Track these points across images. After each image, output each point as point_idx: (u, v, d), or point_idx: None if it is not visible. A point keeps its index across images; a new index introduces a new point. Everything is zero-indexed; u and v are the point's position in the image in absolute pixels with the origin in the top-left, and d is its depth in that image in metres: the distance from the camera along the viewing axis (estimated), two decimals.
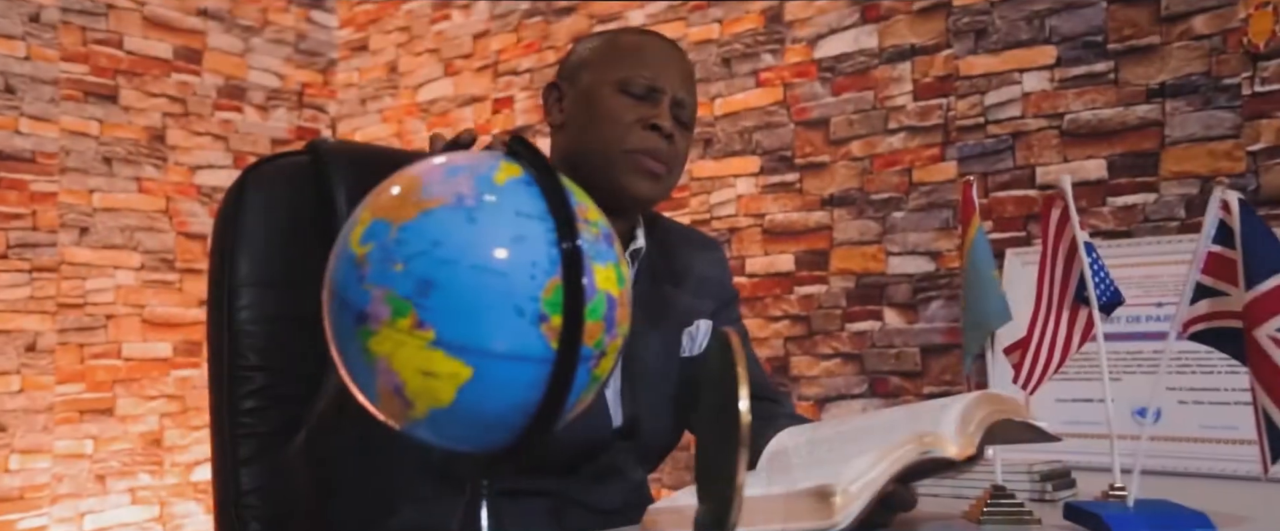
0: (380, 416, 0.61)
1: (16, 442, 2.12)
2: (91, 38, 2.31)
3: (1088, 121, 1.62)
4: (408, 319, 0.56)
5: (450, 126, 2.57)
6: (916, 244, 1.80)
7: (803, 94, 1.95)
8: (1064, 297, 0.97)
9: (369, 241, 0.59)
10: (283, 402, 1.24)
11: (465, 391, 0.57)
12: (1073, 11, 1.63)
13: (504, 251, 0.57)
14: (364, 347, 0.58)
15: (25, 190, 2.17)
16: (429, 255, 0.57)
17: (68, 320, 2.22)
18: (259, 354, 1.25)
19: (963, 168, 1.74)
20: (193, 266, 2.46)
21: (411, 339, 0.57)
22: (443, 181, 0.60)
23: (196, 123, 2.49)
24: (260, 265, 1.27)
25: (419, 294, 0.56)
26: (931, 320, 1.77)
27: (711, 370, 0.70)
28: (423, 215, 0.58)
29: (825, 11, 1.93)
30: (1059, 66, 1.64)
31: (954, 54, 1.76)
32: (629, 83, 1.02)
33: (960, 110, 1.75)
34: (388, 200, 0.60)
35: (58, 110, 2.24)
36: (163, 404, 2.38)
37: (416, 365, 0.57)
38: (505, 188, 0.60)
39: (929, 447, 0.71)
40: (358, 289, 0.58)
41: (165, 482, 2.36)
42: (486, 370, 0.57)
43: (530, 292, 0.57)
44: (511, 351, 0.57)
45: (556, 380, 0.58)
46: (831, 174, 1.91)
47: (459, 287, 0.56)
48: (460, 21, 2.56)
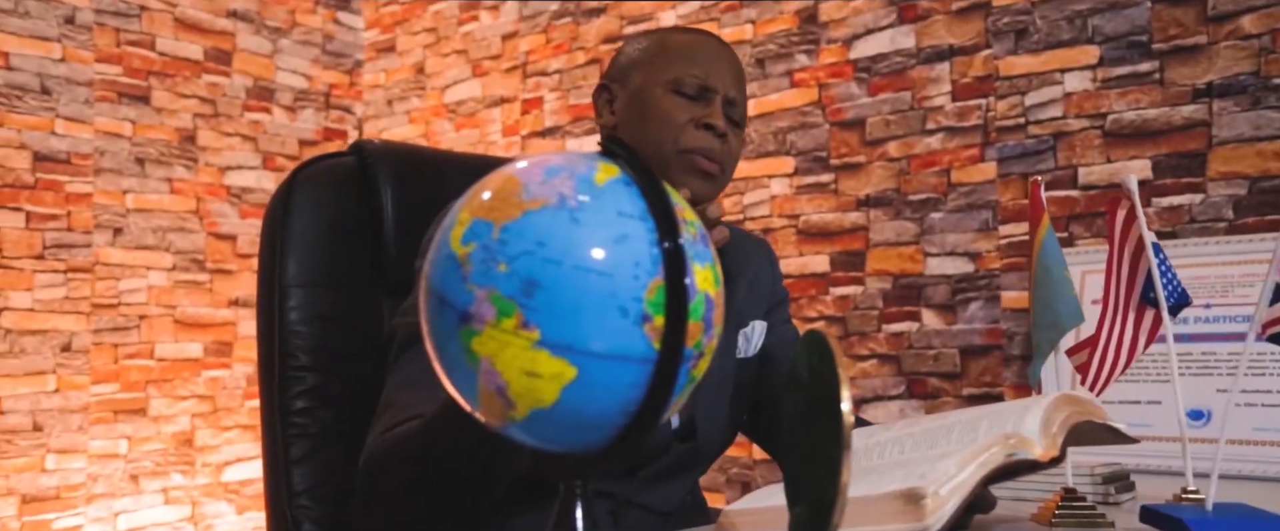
0: (478, 416, 0.61)
1: (53, 442, 2.13)
2: (125, 39, 2.32)
3: (1132, 122, 1.61)
4: (513, 319, 0.56)
5: (478, 127, 2.58)
6: (955, 245, 1.79)
7: (838, 94, 1.95)
8: (1130, 298, 0.96)
9: (470, 241, 0.59)
10: (333, 403, 1.24)
11: (568, 391, 0.57)
12: (1116, 11, 1.62)
13: (607, 251, 0.57)
14: (466, 348, 0.58)
15: (61, 191, 2.18)
16: (534, 255, 0.57)
17: (102, 320, 2.23)
18: (309, 354, 1.25)
19: (1003, 168, 1.74)
20: (223, 267, 2.46)
21: (516, 339, 0.57)
22: (543, 182, 0.60)
23: (226, 123, 2.50)
24: (308, 266, 1.28)
25: (524, 294, 0.56)
26: (970, 321, 1.76)
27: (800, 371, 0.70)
28: (526, 215, 0.58)
29: (861, 12, 1.92)
30: (1102, 66, 1.63)
31: (993, 54, 1.76)
32: (681, 82, 1.02)
33: (1000, 111, 1.75)
34: (488, 200, 0.60)
35: (92, 111, 2.25)
36: (194, 404, 2.38)
37: (520, 365, 0.57)
38: (605, 188, 0.60)
39: (1015, 449, 0.71)
40: (460, 289, 0.58)
41: (197, 483, 2.37)
42: (590, 370, 0.57)
43: (634, 293, 0.57)
44: (615, 351, 0.57)
45: (659, 380, 0.58)
46: (867, 174, 1.90)
47: (564, 288, 0.56)
48: (488, 22, 2.56)
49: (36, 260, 2.13)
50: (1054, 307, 0.86)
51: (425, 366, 0.90)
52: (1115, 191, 1.61)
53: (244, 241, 2.51)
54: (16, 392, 2.09)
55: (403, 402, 0.88)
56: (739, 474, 2.03)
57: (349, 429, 1.25)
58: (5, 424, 2.07)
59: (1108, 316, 0.96)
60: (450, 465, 0.79)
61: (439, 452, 0.80)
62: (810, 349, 0.67)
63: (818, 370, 0.65)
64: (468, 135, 2.60)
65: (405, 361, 0.92)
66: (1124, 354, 0.96)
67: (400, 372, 0.91)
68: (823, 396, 0.63)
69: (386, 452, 0.83)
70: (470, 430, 0.80)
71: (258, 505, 2.49)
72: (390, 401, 0.89)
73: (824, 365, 0.64)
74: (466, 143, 2.60)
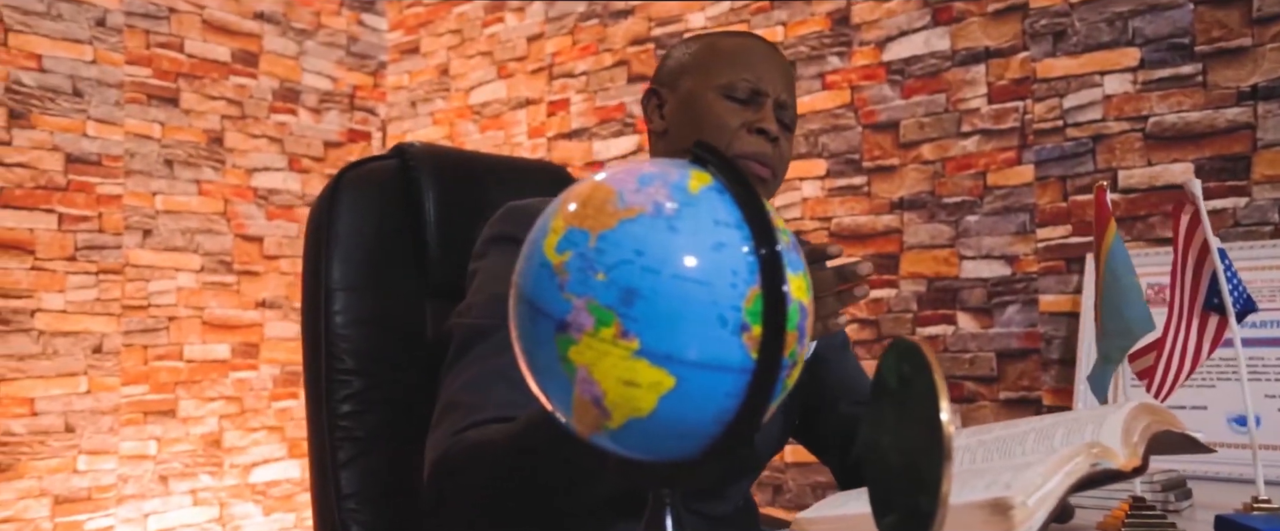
0: (572, 426, 0.61)
1: (84, 444, 2.14)
2: (154, 41, 2.32)
3: (1173, 124, 1.60)
4: (612, 328, 0.56)
5: (503, 129, 2.57)
6: (991, 248, 1.78)
7: (871, 97, 1.94)
8: (1194, 304, 0.96)
9: (566, 250, 0.58)
10: (379, 406, 1.24)
11: (666, 401, 0.57)
12: (1157, 13, 1.61)
13: (705, 260, 0.57)
14: (562, 356, 0.58)
15: (92, 193, 2.19)
16: (632, 264, 0.57)
17: (132, 322, 2.24)
18: (354, 357, 1.25)
19: (1041, 171, 1.73)
20: (250, 269, 2.47)
21: (615, 348, 0.56)
22: (637, 190, 0.59)
23: (253, 125, 2.50)
24: (353, 269, 1.28)
25: (623, 303, 0.56)
26: (1007, 325, 1.76)
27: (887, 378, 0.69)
28: (623, 224, 0.58)
29: (894, 14, 1.92)
30: (1143, 69, 1.63)
31: (1031, 56, 1.75)
32: (732, 87, 1.02)
33: (1038, 113, 1.74)
34: (582, 209, 0.60)
35: (122, 113, 2.25)
36: (222, 405, 2.39)
37: (618, 374, 0.57)
38: (700, 196, 0.59)
39: (1099, 459, 0.71)
40: (557, 297, 0.58)
41: (225, 484, 2.37)
42: (688, 379, 0.57)
43: (732, 302, 0.57)
44: (713, 361, 0.57)
45: (756, 390, 0.58)
46: (901, 177, 1.89)
47: (663, 297, 0.56)
48: (514, 24, 2.56)
49: (69, 261, 2.14)
50: (1124, 315, 0.85)
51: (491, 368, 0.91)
52: (1155, 194, 1.61)
53: (271, 243, 2.51)
54: (50, 393, 2.09)
55: (470, 404, 0.87)
56: (770, 477, 2.03)
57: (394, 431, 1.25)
58: (38, 425, 2.08)
59: (1172, 322, 0.95)
60: (536, 472, 0.78)
61: (526, 459, 0.78)
62: (901, 356, 0.66)
63: (909, 378, 0.65)
64: (493, 137, 2.59)
65: (467, 362, 0.92)
66: (1188, 360, 0.96)
67: (463, 373, 0.91)
68: (918, 406, 0.63)
69: (466, 455, 0.82)
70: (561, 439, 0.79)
71: (285, 506, 2.49)
72: (455, 402, 0.89)
73: (917, 374, 0.63)
74: (491, 144, 2.60)
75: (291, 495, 2.51)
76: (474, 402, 0.86)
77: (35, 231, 2.10)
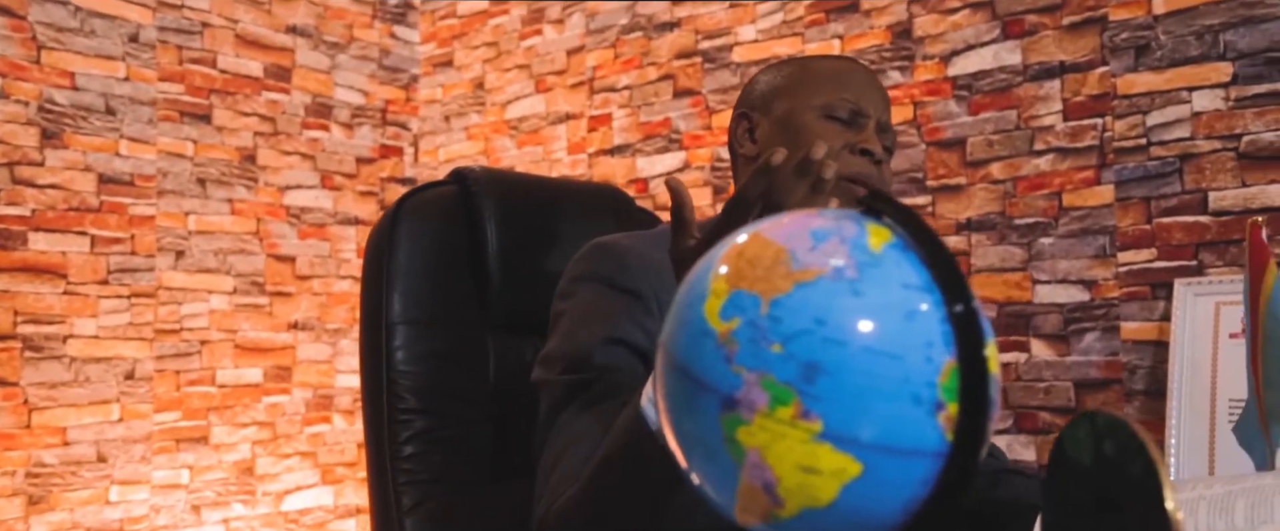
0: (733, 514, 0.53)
1: (117, 474, 2.07)
2: (187, 57, 2.26)
3: (1270, 143, 1.52)
4: (790, 408, 0.49)
5: (542, 145, 2.51)
6: (1068, 272, 1.70)
7: (935, 113, 1.86)
8: None
9: (733, 316, 0.51)
10: (444, 446, 1.18)
11: (850, 490, 0.50)
12: (1252, 26, 1.53)
13: (896, 330, 0.50)
14: (729, 438, 0.50)
15: (124, 214, 2.12)
16: (813, 335, 0.49)
17: (165, 347, 2.17)
18: (417, 395, 1.19)
19: (1121, 191, 1.65)
20: (282, 290, 2.40)
21: (794, 430, 0.49)
22: (812, 249, 0.52)
23: (285, 142, 2.44)
24: (413, 302, 1.21)
25: (804, 380, 0.49)
26: (1086, 353, 1.67)
27: (1077, 455, 0.61)
28: (800, 288, 0.50)
29: (960, 27, 1.84)
30: (1235, 85, 1.54)
31: (1110, 71, 1.67)
32: (833, 107, 0.97)
33: (1118, 131, 1.66)
34: (748, 269, 0.52)
35: (155, 131, 2.19)
36: (254, 431, 2.32)
37: (796, 460, 0.49)
38: (883, 255, 0.52)
39: None
40: (723, 370, 0.50)
41: (257, 512, 2.30)
42: (877, 467, 0.49)
43: (927, 377, 0.50)
44: (906, 445, 0.50)
45: (952, 476, 0.50)
46: (969, 197, 1.81)
47: (850, 373, 0.49)
48: (553, 37, 2.49)
49: (101, 285, 2.08)
50: None
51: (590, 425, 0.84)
52: (1250, 216, 1.52)
53: (303, 263, 2.45)
54: (82, 423, 2.03)
55: (564, 471, 0.82)
56: None
57: (460, 474, 1.18)
58: (70, 455, 2.01)
59: None
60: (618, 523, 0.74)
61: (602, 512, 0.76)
62: (1096, 433, 0.58)
63: (1112, 459, 0.57)
64: (530, 152, 2.53)
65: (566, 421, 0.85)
66: None
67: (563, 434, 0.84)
68: (1128, 492, 0.55)
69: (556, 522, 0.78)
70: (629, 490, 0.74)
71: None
72: (553, 466, 0.83)
73: (1126, 455, 0.55)
74: (530, 160, 2.53)
75: (324, 523, 2.43)
76: (576, 467, 0.81)
77: (67, 255, 2.03)
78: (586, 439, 0.84)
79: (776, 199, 0.78)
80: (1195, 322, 1.49)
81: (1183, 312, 1.52)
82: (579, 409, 0.88)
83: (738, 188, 0.81)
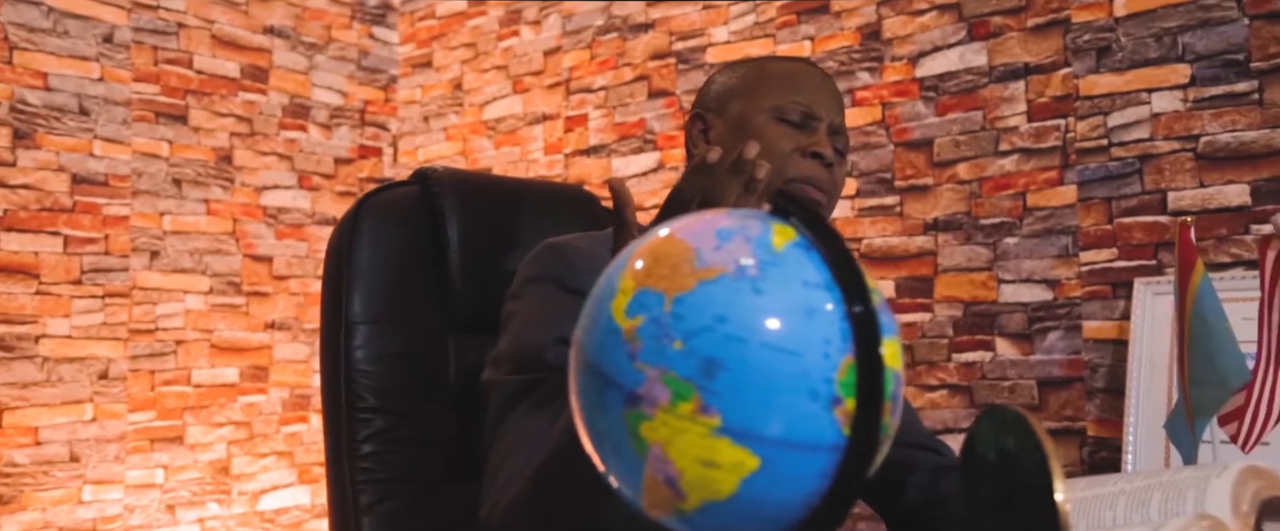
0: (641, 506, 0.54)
1: (90, 473, 2.07)
2: (162, 57, 2.27)
3: (1227, 144, 1.53)
4: (691, 403, 0.50)
5: (519, 145, 2.52)
6: (1032, 271, 1.72)
7: (903, 114, 1.88)
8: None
9: (638, 314, 0.52)
10: (402, 446, 1.18)
11: (749, 483, 0.51)
12: (1209, 29, 1.55)
13: (795, 327, 0.51)
14: (633, 433, 0.51)
15: (98, 214, 2.13)
16: (714, 332, 0.50)
17: (139, 346, 2.18)
18: (376, 395, 1.19)
19: (1083, 192, 1.66)
20: (259, 290, 2.41)
21: (693, 425, 0.50)
22: (717, 248, 0.53)
23: (262, 142, 2.44)
24: (374, 301, 1.22)
25: (704, 376, 0.50)
26: (1049, 352, 1.69)
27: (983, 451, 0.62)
28: (702, 286, 0.51)
29: (928, 29, 1.85)
30: (1193, 86, 1.56)
31: (1073, 73, 1.69)
32: (785, 110, 0.98)
33: (1081, 132, 1.67)
34: (654, 268, 0.53)
35: (130, 132, 2.20)
36: (230, 431, 2.32)
37: (696, 454, 0.50)
38: (785, 253, 0.53)
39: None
40: (627, 367, 0.51)
41: (233, 512, 2.30)
42: (775, 460, 0.51)
43: (824, 373, 0.51)
44: (803, 439, 0.51)
45: (848, 470, 0.52)
46: (936, 197, 1.83)
47: (749, 369, 0.50)
48: (530, 38, 2.50)
49: (74, 285, 2.08)
50: (1217, 364, 0.79)
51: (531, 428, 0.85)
52: (1207, 217, 1.54)
53: (280, 263, 2.45)
54: (54, 422, 2.03)
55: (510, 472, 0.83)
56: None
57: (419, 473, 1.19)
58: (42, 455, 2.01)
59: (1261, 367, 0.88)
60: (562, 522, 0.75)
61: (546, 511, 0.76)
62: (1000, 428, 0.60)
63: (1012, 453, 0.58)
64: (508, 153, 2.54)
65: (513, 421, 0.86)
66: (1277, 407, 0.89)
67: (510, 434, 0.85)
68: (1024, 485, 0.56)
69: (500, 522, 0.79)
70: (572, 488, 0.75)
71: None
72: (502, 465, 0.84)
73: (1023, 449, 0.57)
74: (507, 161, 2.54)
75: (301, 522, 2.44)
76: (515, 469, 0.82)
77: (40, 255, 2.04)
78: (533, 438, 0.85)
79: (712, 198, 0.79)
80: (1154, 321, 1.51)
81: (1142, 311, 1.53)
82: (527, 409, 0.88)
83: (675, 187, 0.82)
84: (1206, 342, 0.80)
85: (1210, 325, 0.80)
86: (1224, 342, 0.79)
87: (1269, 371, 0.88)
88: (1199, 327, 0.80)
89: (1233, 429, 0.88)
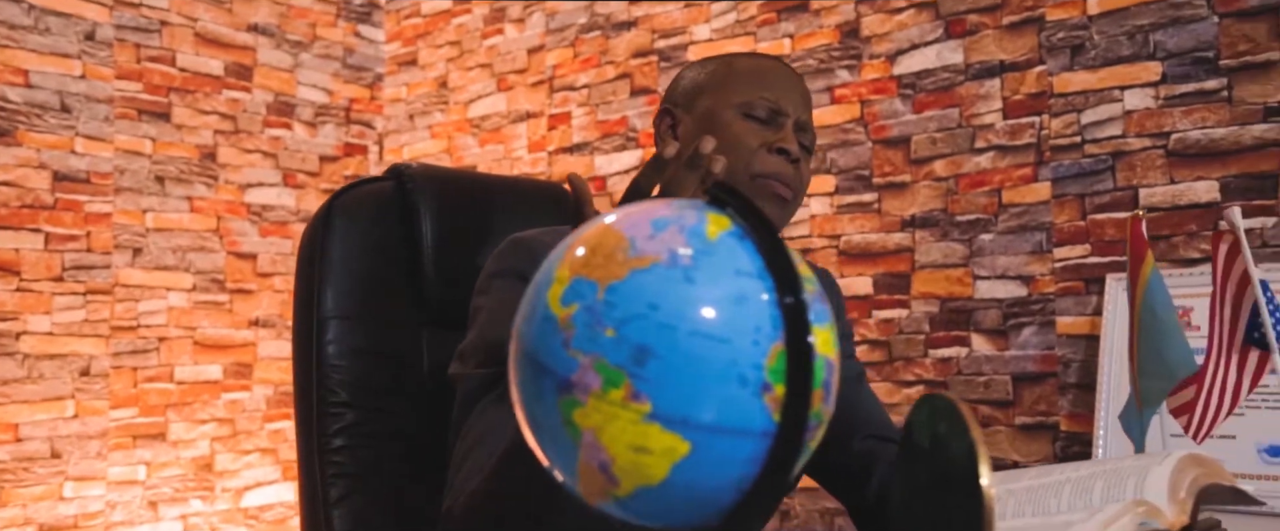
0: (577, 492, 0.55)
1: (71, 470, 2.08)
2: (145, 55, 2.27)
3: (1197, 141, 1.55)
4: (621, 390, 0.51)
5: (503, 143, 2.52)
6: (1006, 268, 1.73)
7: (881, 111, 1.89)
8: (1234, 339, 0.90)
9: (572, 302, 0.53)
10: (373, 440, 1.19)
11: (680, 469, 0.52)
12: (1180, 27, 1.56)
13: (725, 314, 0.52)
14: (567, 419, 0.52)
15: (80, 211, 2.13)
16: (645, 319, 0.51)
17: (121, 343, 2.18)
18: (347, 389, 1.20)
19: (1058, 188, 1.68)
20: (243, 287, 2.41)
21: (624, 412, 0.51)
22: (651, 237, 0.54)
23: (246, 140, 2.45)
24: (347, 297, 1.22)
25: (635, 362, 0.51)
26: (1024, 347, 1.70)
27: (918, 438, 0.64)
28: (634, 275, 0.52)
29: (905, 27, 1.86)
30: (1165, 83, 1.57)
31: (1047, 70, 1.70)
32: (752, 106, 0.98)
33: (1055, 129, 1.68)
34: (590, 257, 0.54)
35: (112, 129, 2.20)
36: (213, 428, 2.33)
37: (628, 440, 0.51)
38: (719, 243, 0.54)
39: (1146, 518, 0.65)
40: (561, 354, 0.52)
41: (216, 508, 2.31)
42: (704, 445, 0.51)
43: (753, 360, 0.52)
44: (732, 425, 0.52)
45: (778, 455, 0.52)
46: (913, 194, 1.84)
47: (679, 356, 0.51)
48: (514, 36, 2.51)
49: (56, 282, 2.08)
50: (1165, 357, 0.80)
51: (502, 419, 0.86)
52: (1178, 213, 1.55)
53: (264, 260, 2.46)
54: (35, 419, 2.04)
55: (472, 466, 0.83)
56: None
57: (389, 467, 1.19)
58: (23, 451, 2.02)
59: (1212, 359, 0.90)
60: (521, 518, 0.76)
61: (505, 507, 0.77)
62: (934, 415, 0.61)
63: (944, 439, 0.59)
64: (492, 151, 2.54)
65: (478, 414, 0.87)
66: (1228, 399, 0.90)
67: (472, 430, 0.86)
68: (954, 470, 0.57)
69: (461, 516, 0.80)
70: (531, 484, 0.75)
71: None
72: (462, 462, 0.85)
73: (953, 435, 0.58)
74: (491, 158, 2.55)
75: (285, 519, 2.44)
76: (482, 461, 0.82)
77: (21, 252, 2.04)
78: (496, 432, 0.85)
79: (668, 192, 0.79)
80: (1125, 317, 1.51)
81: (1114, 307, 1.55)
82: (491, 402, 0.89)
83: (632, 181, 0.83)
84: (1155, 334, 0.81)
85: (1159, 317, 0.81)
86: (1172, 334, 0.80)
87: (1220, 363, 0.89)
88: (1148, 320, 0.81)
89: (1185, 420, 0.89)
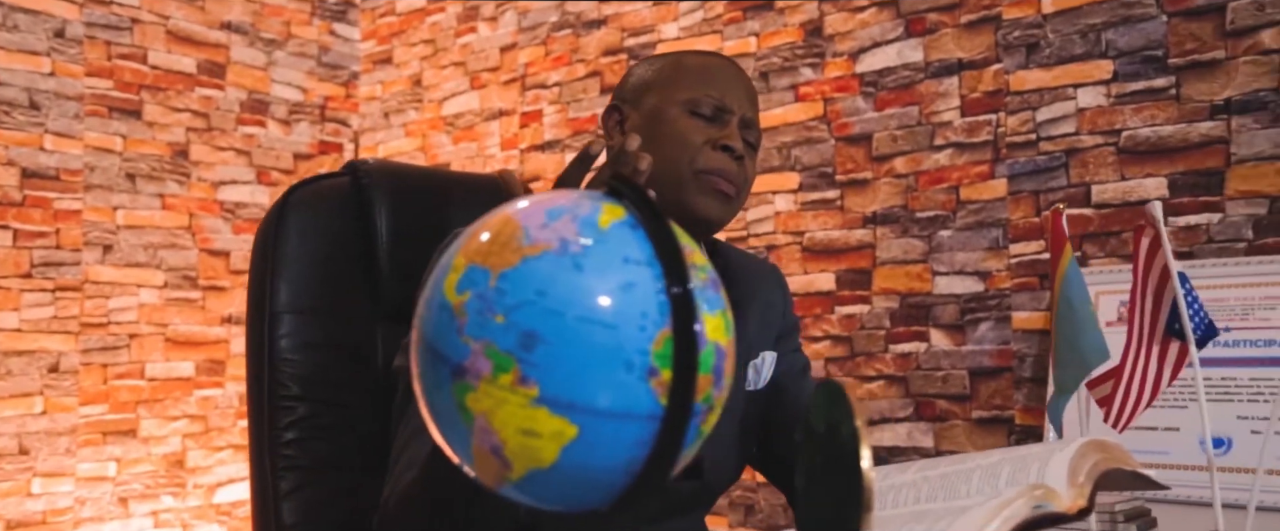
0: (475, 477, 0.57)
1: (39, 466, 2.08)
2: (116, 52, 2.28)
3: (1147, 138, 1.57)
4: (510, 374, 0.52)
5: (476, 141, 2.54)
6: (964, 263, 1.75)
7: (844, 109, 1.91)
8: (1155, 330, 0.92)
9: (465, 290, 0.54)
10: (324, 434, 1.20)
11: (568, 451, 0.53)
12: (1131, 25, 1.58)
13: (612, 301, 0.53)
14: (460, 404, 0.54)
15: (49, 208, 2.14)
16: (534, 306, 0.53)
17: (91, 340, 2.19)
18: (300, 383, 1.21)
19: (1013, 185, 1.70)
20: (215, 284, 2.42)
21: (513, 396, 0.52)
22: (544, 225, 0.55)
23: (220, 138, 2.46)
24: (300, 291, 1.23)
25: (522, 348, 0.52)
26: (980, 342, 1.72)
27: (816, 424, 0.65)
28: (525, 262, 0.54)
29: (867, 25, 1.88)
30: (1116, 81, 1.59)
31: (1004, 68, 1.72)
32: (697, 103, 0.99)
33: (1011, 126, 1.70)
34: (484, 245, 0.56)
35: (82, 126, 2.21)
36: (185, 424, 2.34)
37: (517, 424, 0.53)
38: (610, 231, 0.55)
39: (1041, 501, 0.67)
40: (454, 341, 0.54)
41: (188, 505, 2.32)
42: (592, 429, 0.53)
43: (640, 345, 0.53)
44: (619, 408, 0.53)
45: (665, 439, 0.54)
46: (874, 191, 1.86)
47: (566, 341, 0.52)
48: (486, 34, 2.52)
49: (24, 279, 2.09)
50: (1078, 345, 0.81)
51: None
52: (1128, 209, 1.57)
53: (237, 257, 2.46)
54: (2, 415, 2.04)
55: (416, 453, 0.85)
56: (742, 496, 1.99)
57: (341, 461, 1.21)
58: None
59: (1131, 350, 0.91)
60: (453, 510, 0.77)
61: (438, 499, 0.78)
62: (828, 401, 0.63)
63: (836, 425, 0.61)
64: (465, 148, 2.56)
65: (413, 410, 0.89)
66: (1148, 389, 0.92)
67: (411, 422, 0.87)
68: (842, 454, 0.59)
69: (396, 507, 0.81)
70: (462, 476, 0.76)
71: (250, 528, 2.44)
72: (405, 449, 0.86)
73: (843, 420, 0.59)
74: (464, 156, 2.56)
75: None
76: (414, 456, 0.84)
77: None
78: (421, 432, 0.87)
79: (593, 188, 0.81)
80: None
81: None
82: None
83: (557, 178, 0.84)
84: (1070, 325, 0.83)
85: (1074, 308, 0.83)
86: (1086, 325, 0.82)
87: (1140, 353, 0.91)
88: (1065, 311, 0.83)
89: (1106, 410, 0.91)
